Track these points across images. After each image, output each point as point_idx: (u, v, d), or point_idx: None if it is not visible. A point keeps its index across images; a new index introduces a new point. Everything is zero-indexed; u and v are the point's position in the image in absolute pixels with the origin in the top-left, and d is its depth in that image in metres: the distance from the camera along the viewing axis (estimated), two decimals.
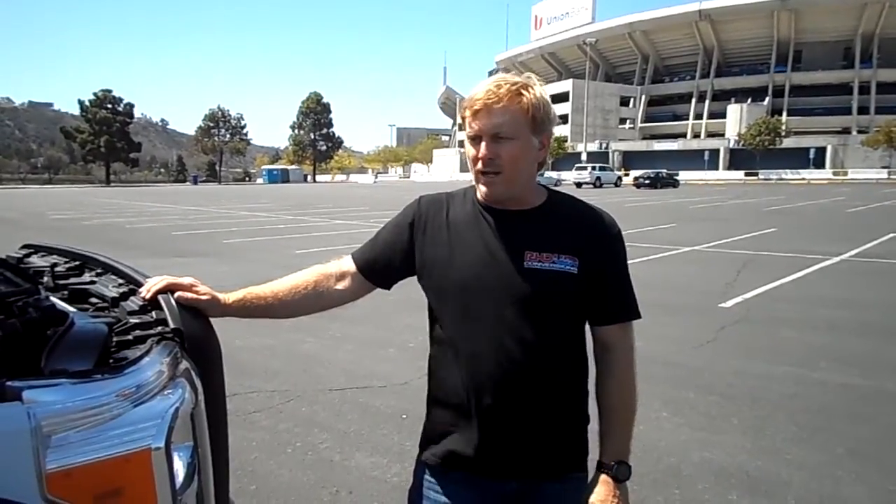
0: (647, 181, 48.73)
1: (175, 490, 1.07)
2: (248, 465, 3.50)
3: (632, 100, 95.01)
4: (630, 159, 74.22)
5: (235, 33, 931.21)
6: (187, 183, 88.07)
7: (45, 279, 1.70)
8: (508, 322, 1.42)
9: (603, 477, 1.46)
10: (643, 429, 3.93)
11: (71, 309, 1.42)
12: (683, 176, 56.97)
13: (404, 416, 4.03)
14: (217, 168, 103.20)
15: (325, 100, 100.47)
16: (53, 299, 1.47)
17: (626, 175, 58.65)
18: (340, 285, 1.59)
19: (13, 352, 1.12)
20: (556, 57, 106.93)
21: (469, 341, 1.45)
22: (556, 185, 56.00)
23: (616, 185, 53.03)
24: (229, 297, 1.51)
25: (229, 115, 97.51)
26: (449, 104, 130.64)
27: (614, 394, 1.50)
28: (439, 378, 1.54)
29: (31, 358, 1.11)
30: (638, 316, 1.53)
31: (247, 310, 1.54)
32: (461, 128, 1.50)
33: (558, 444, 1.50)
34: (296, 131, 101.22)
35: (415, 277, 1.57)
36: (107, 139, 79.59)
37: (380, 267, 1.58)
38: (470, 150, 1.45)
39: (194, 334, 1.33)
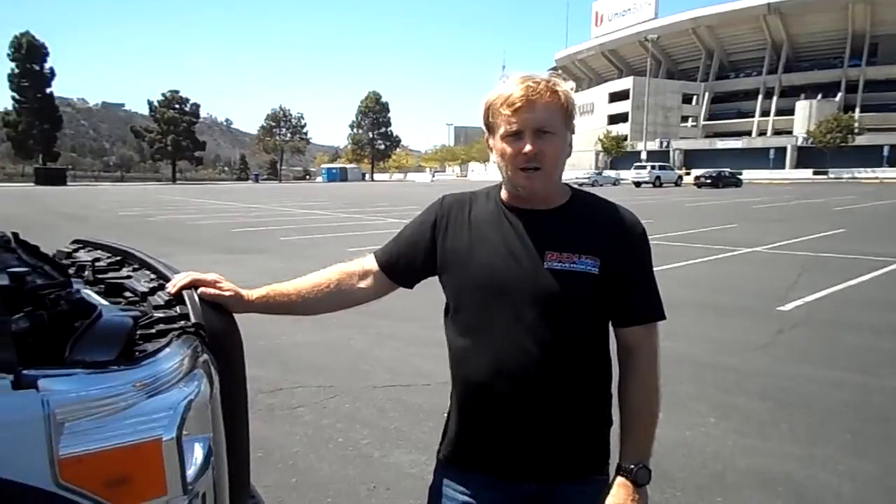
0: (708, 180, 47.38)
1: (185, 479, 1.11)
2: (290, 458, 3.56)
3: (694, 97, 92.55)
4: (691, 158, 72.27)
5: (298, 35, 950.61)
6: (249, 181, 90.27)
7: (87, 273, 1.78)
8: (528, 322, 1.41)
9: (622, 480, 1.44)
10: (688, 434, 3.86)
11: (103, 302, 1.48)
12: (748, 175, 55.15)
13: (446, 415, 4.04)
14: (278, 167, 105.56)
15: (383, 99, 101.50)
16: (86, 292, 1.53)
17: (687, 174, 57.19)
18: (363, 283, 1.60)
19: (39, 342, 1.18)
20: (617, 54, 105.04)
21: (488, 341, 1.45)
22: (614, 184, 55.20)
23: (676, 184, 51.80)
24: (252, 294, 1.54)
25: (290, 115, 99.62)
26: None
27: (636, 396, 1.48)
28: (458, 377, 1.54)
29: (57, 348, 1.17)
30: (662, 317, 1.49)
31: (269, 306, 1.56)
32: (489, 129, 1.48)
33: (578, 447, 1.48)
34: (354, 130, 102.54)
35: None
36: (173, 138, 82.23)
37: (402, 266, 1.59)
38: (506, 147, 1.42)
39: (216, 329, 1.36)
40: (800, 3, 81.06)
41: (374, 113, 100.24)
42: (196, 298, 1.41)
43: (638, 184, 50.43)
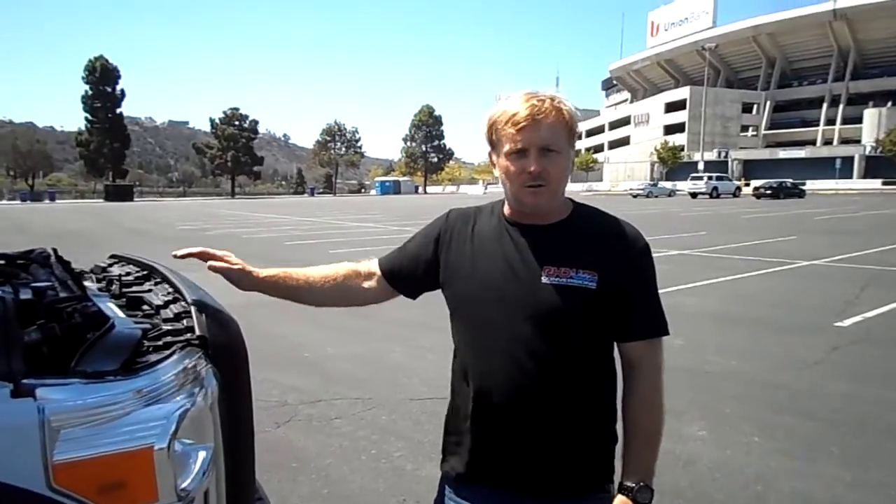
0: (768, 191, 45.94)
1: (177, 486, 1.14)
2: (323, 469, 3.61)
3: (755, 106, 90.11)
4: (751, 168, 70.26)
5: (353, 51, 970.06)
6: (305, 195, 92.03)
7: (114, 287, 1.86)
8: (524, 336, 1.41)
9: (622, 498, 1.41)
10: (730, 454, 3.75)
11: (120, 315, 1.55)
12: (812, 185, 53.33)
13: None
14: (333, 180, 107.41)
15: (436, 112, 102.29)
16: (109, 305, 1.60)
17: (747, 185, 55.67)
18: (367, 284, 1.65)
19: (50, 353, 1.24)
20: (674, 63, 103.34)
21: (485, 355, 1.46)
22: (669, 195, 54.14)
23: (734, 195, 50.47)
24: (262, 273, 1.59)
25: (345, 129, 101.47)
26: None
27: (638, 412, 1.46)
28: (457, 390, 1.56)
29: (66, 359, 1.23)
30: (665, 332, 1.47)
31: (276, 288, 1.61)
32: (492, 145, 1.49)
33: (579, 463, 1.47)
34: (408, 143, 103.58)
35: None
36: (233, 154, 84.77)
37: (404, 275, 1.62)
38: (510, 165, 1.43)
39: (220, 342, 1.40)
40: (867, 9, 78.14)
41: (428, 126, 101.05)
42: (202, 313, 1.46)
43: (694, 195, 49.37)
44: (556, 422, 1.43)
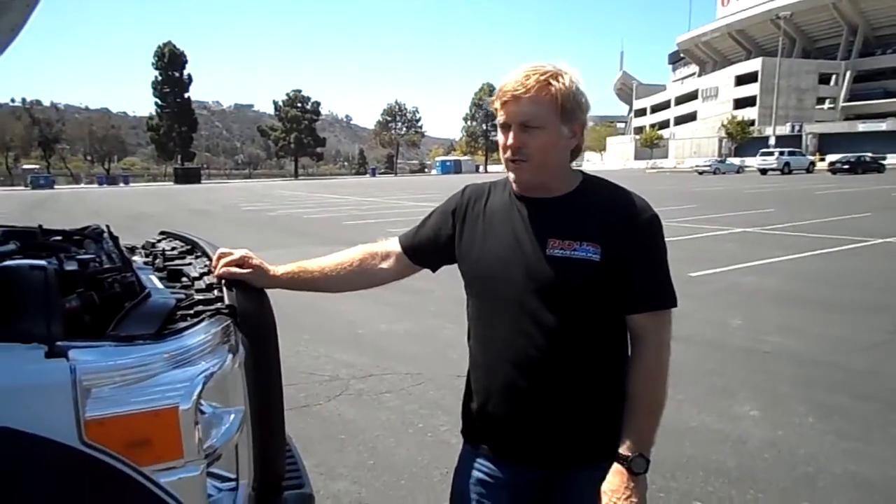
0: (845, 166, 43.69)
1: (202, 443, 1.22)
2: (370, 441, 3.72)
3: (833, 77, 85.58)
4: (827, 143, 67.03)
5: (416, 30, 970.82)
6: (367, 175, 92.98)
7: (157, 260, 1.98)
8: (530, 309, 1.44)
9: (617, 467, 1.42)
10: (781, 434, 3.68)
11: (159, 285, 1.64)
12: (893, 160, 50.56)
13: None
14: (394, 160, 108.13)
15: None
16: (150, 277, 1.70)
17: (822, 160, 53.24)
18: (385, 264, 1.69)
19: (91, 318, 1.34)
20: (745, 34, 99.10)
21: (493, 327, 1.50)
22: (738, 171, 52.26)
23: (808, 171, 48.26)
24: (279, 270, 1.64)
25: (405, 109, 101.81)
26: (625, 90, 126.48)
27: (639, 383, 1.46)
28: (471, 362, 1.59)
29: (103, 324, 1.32)
30: (672, 304, 1.46)
31: (294, 282, 1.66)
32: (495, 118, 1.52)
33: (585, 432, 1.49)
34: (468, 123, 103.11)
35: None
36: (296, 136, 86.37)
37: (424, 250, 1.67)
38: (500, 138, 1.49)
39: (248, 311, 1.48)
40: None
41: (488, 104, 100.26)
42: (231, 285, 1.53)
43: (764, 171, 47.51)
44: (565, 393, 1.46)
